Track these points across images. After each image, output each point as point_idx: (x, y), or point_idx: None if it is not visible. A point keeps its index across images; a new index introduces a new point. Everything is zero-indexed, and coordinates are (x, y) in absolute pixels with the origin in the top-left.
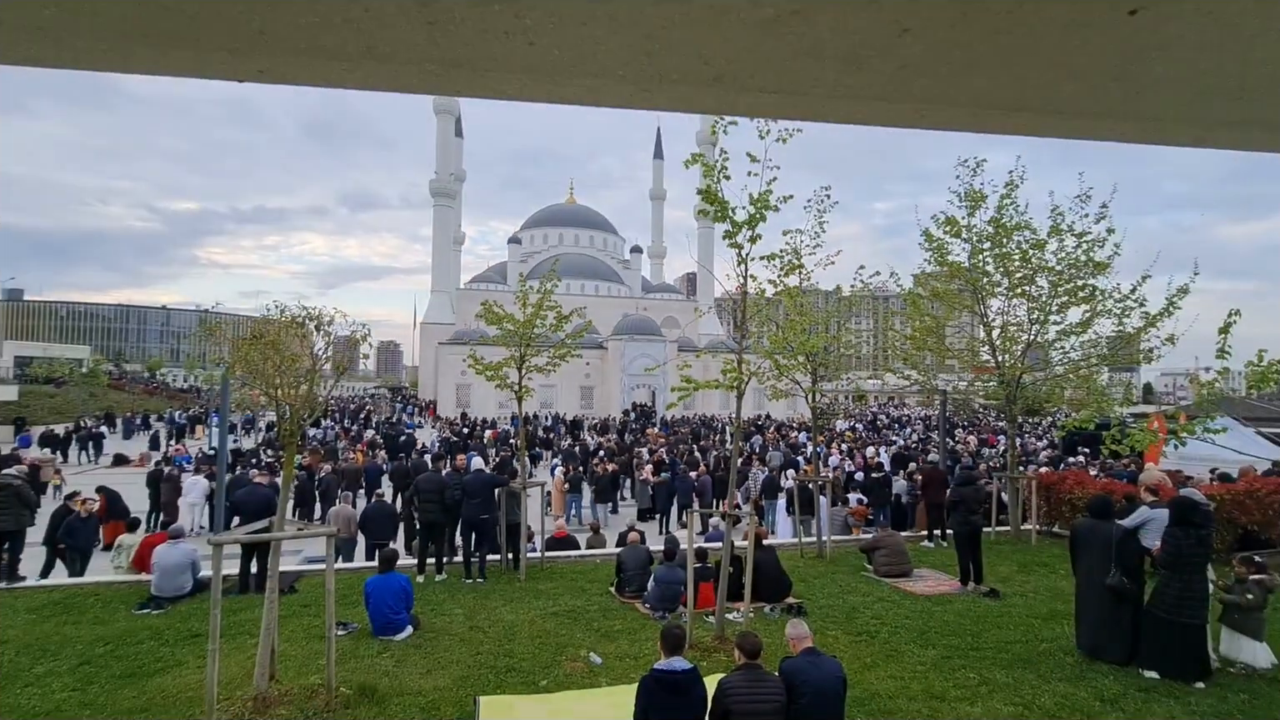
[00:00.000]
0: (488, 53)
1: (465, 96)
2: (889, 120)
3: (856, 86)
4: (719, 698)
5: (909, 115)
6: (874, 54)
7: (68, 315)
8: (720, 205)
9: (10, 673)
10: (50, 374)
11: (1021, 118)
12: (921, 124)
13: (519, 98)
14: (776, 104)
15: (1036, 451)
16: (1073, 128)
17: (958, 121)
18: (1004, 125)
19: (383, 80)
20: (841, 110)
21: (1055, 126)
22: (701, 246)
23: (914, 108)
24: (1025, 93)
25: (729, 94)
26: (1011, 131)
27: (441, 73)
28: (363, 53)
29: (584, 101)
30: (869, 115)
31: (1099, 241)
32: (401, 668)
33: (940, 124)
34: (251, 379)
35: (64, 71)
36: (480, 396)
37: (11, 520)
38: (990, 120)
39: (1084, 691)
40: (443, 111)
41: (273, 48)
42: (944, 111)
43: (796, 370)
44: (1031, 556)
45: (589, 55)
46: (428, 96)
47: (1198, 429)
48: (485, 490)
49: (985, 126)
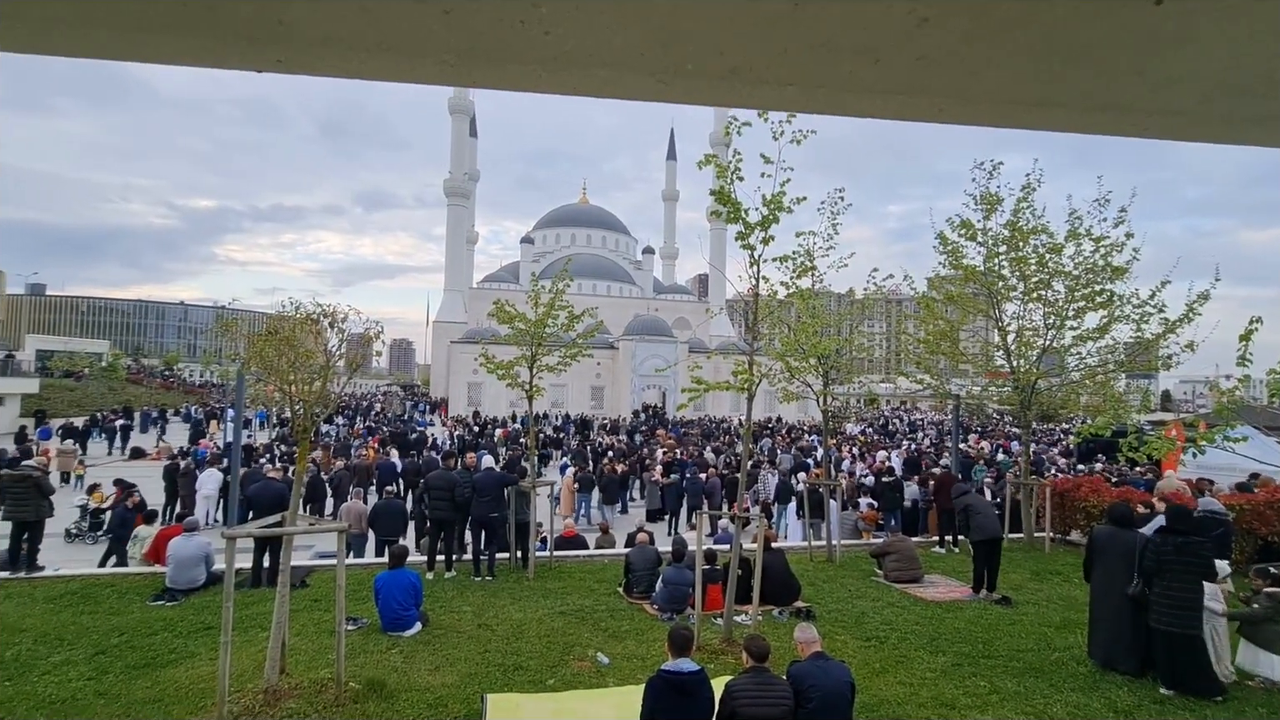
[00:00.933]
0: (503, 43)
1: (480, 88)
2: (907, 114)
3: (874, 79)
4: (726, 700)
5: (927, 110)
6: (892, 46)
7: (88, 310)
8: (733, 206)
9: (28, 661)
10: (71, 367)
11: (1042, 113)
12: (940, 119)
13: (534, 89)
14: (793, 97)
15: (1052, 460)
16: (1094, 123)
17: (977, 117)
18: (1024, 120)
19: (399, 71)
20: (859, 104)
21: (1076, 122)
22: (714, 248)
23: (932, 102)
24: (1046, 87)
25: (745, 86)
26: (1032, 126)
27: (457, 63)
28: (379, 43)
29: (599, 93)
30: (886, 109)
31: (1117, 246)
32: (410, 663)
33: (959, 119)
34: (266, 375)
35: (85, 70)
36: (491, 395)
37: (31, 511)
38: (1010, 115)
39: (1097, 702)
40: (458, 111)
41: (290, 37)
42: (963, 106)
43: (808, 373)
44: (1044, 564)
45: (604, 46)
46: (443, 95)
47: (1217, 437)
48: (495, 489)
49: (1005, 122)
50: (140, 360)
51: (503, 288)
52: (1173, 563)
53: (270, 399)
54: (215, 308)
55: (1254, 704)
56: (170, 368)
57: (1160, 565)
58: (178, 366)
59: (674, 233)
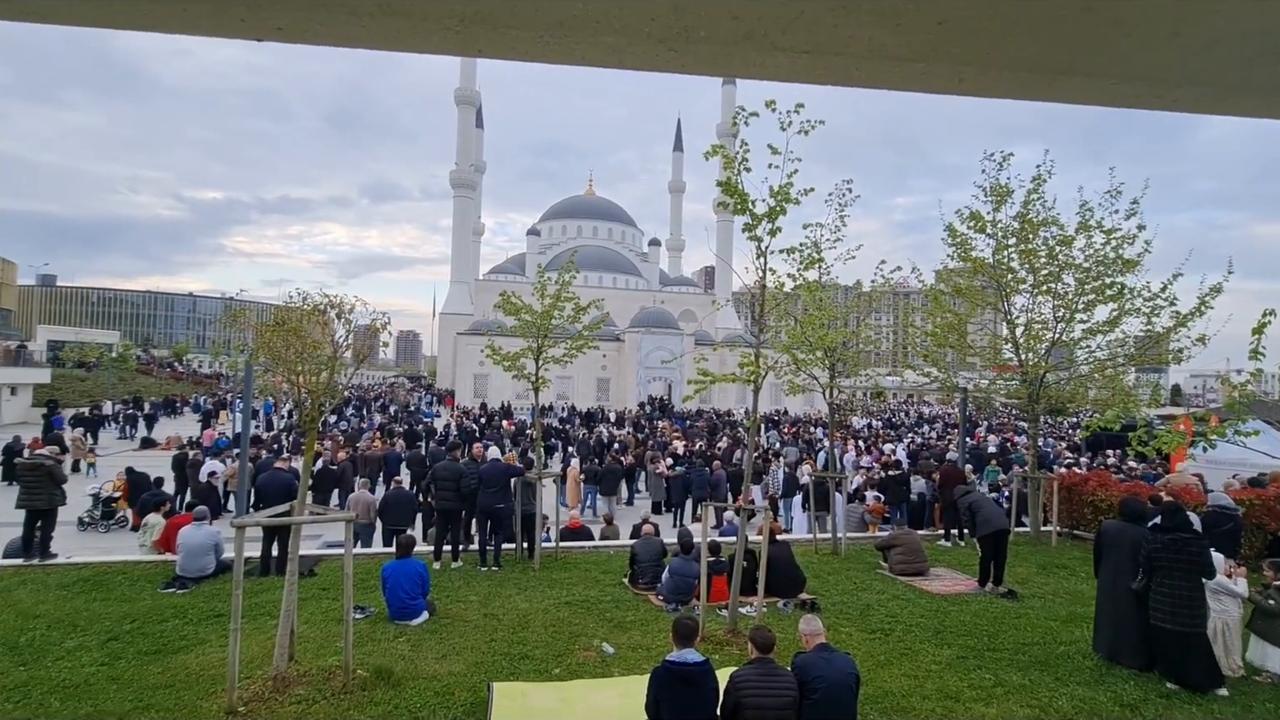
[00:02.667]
0: (509, 8)
1: (485, 56)
2: (926, 85)
3: (893, 46)
4: (730, 690)
5: (948, 79)
6: (911, 9)
7: (98, 301)
8: (740, 197)
9: (42, 646)
10: (82, 358)
11: (1065, 83)
12: (960, 89)
13: (540, 58)
14: (809, 65)
15: (1059, 454)
16: (1122, 94)
17: (999, 87)
18: (1046, 92)
19: (402, 39)
20: (877, 73)
21: (1101, 93)
22: (720, 239)
23: (953, 70)
24: (1072, 54)
25: (759, 54)
26: (1054, 98)
27: (461, 29)
28: (381, 8)
29: (608, 63)
30: (906, 79)
31: (1128, 238)
32: (417, 652)
33: (980, 89)
34: (274, 365)
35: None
36: (498, 387)
37: (44, 499)
38: (1032, 86)
39: (1103, 696)
40: (464, 103)
41: (291, 4)
42: (984, 75)
43: (814, 365)
44: (1051, 558)
45: (614, 10)
46: (449, 86)
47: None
48: (501, 479)
49: (1027, 93)
50: (150, 351)
51: (509, 280)
52: (1166, 560)
53: (278, 390)
54: (223, 299)
55: (1261, 699)
56: (180, 358)
57: (1153, 562)
58: (187, 357)
59: (680, 225)
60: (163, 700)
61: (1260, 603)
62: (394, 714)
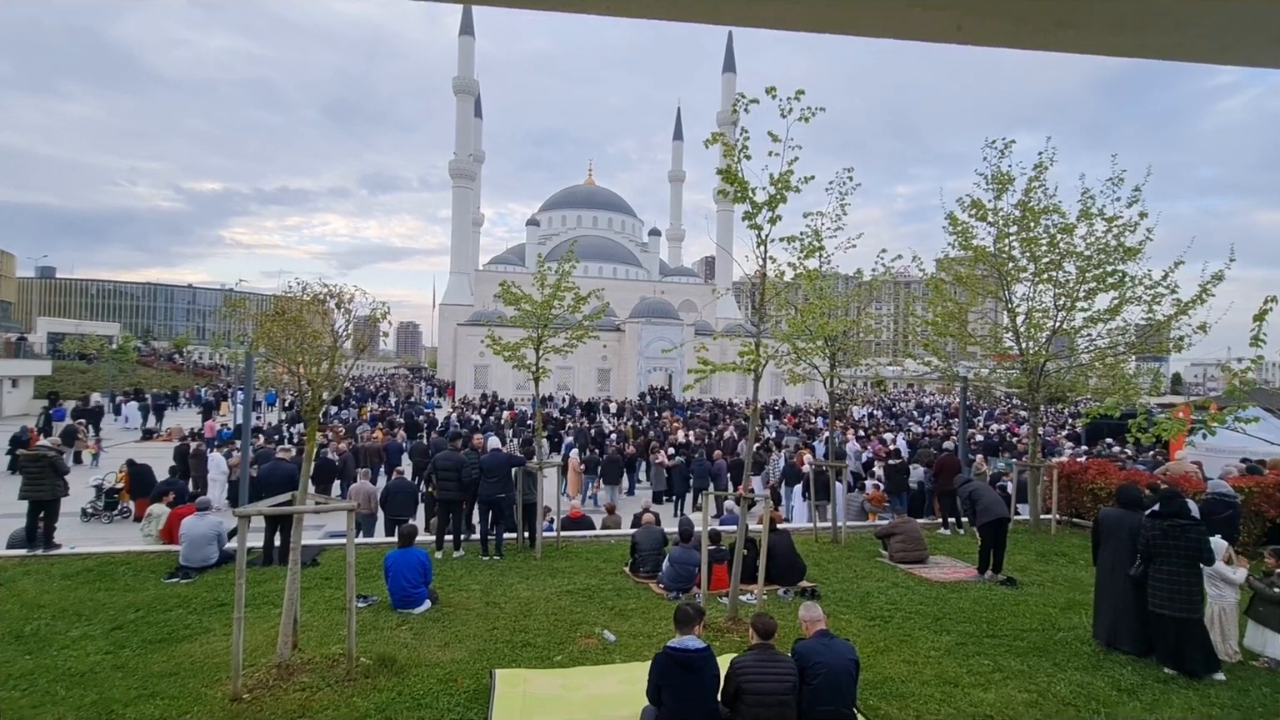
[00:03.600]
0: None
1: (477, 4)
2: (925, 33)
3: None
4: (731, 676)
5: (946, 27)
6: None
7: (98, 293)
8: (740, 185)
9: (47, 636)
10: (82, 350)
11: (1061, 34)
12: (959, 38)
13: (535, 5)
14: (805, 13)
15: (1058, 442)
16: (1123, 44)
17: (997, 36)
18: (1043, 41)
19: None
20: (874, 21)
21: (1096, 42)
22: (720, 229)
23: (951, 18)
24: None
25: (753, 3)
26: (1050, 47)
27: None
28: None
29: (604, 10)
30: (904, 27)
31: (1130, 226)
32: (420, 640)
33: (979, 38)
34: (274, 355)
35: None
36: (498, 377)
37: (48, 490)
38: (1029, 36)
39: (1101, 681)
40: (463, 91)
41: None
42: (983, 23)
43: (815, 354)
44: (1050, 546)
45: None
46: (449, 75)
47: (1228, 418)
48: (502, 469)
49: (1024, 42)
50: (150, 343)
51: (509, 270)
52: (1163, 546)
53: (278, 380)
54: (223, 290)
55: (1258, 683)
56: (180, 350)
57: (1150, 548)
58: (187, 349)
59: (680, 214)
60: (167, 688)
61: (1263, 590)
62: (397, 701)
